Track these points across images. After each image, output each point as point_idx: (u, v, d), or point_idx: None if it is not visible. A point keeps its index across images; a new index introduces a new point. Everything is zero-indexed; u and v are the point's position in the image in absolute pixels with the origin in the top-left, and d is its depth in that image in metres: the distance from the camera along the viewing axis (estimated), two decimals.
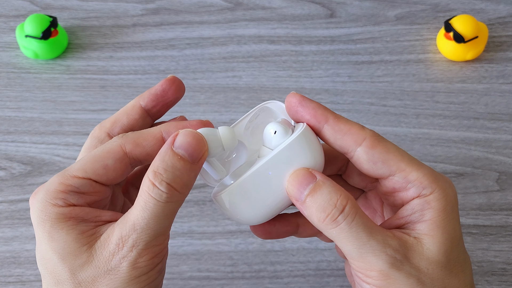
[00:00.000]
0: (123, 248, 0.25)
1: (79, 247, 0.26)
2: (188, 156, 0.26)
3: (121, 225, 0.26)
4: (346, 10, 0.56)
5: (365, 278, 0.26)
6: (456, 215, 0.28)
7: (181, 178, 0.25)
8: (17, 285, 0.43)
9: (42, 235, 0.26)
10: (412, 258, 0.26)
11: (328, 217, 0.26)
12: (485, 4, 0.56)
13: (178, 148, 0.26)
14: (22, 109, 0.51)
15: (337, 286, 0.43)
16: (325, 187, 0.26)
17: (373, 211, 0.33)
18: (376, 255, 0.26)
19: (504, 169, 0.48)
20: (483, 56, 0.53)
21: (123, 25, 0.55)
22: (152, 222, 0.25)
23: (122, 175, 0.28)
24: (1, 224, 0.46)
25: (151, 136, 0.28)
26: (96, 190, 0.28)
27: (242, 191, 0.27)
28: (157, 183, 0.25)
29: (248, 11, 0.56)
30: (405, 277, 0.26)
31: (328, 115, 0.28)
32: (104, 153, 0.28)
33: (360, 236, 0.25)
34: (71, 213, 0.26)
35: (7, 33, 0.54)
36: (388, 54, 0.53)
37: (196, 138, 0.26)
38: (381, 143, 0.27)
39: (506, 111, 0.50)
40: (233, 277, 0.44)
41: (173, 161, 0.25)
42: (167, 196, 0.25)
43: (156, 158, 0.26)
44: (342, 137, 0.28)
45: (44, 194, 0.27)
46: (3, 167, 0.48)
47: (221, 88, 0.52)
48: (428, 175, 0.27)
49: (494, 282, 0.43)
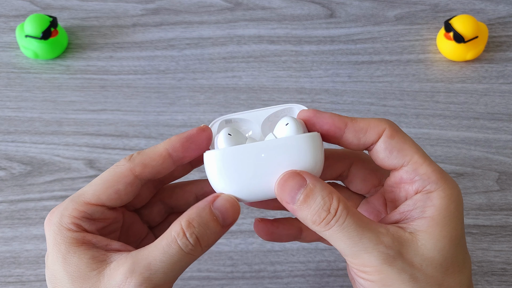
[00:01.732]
0: (131, 283, 0.26)
1: (89, 272, 0.27)
2: (222, 219, 0.27)
3: (135, 259, 0.26)
4: (346, 10, 0.56)
5: (360, 273, 0.27)
6: (460, 215, 0.28)
7: (209, 237, 0.27)
8: (17, 285, 0.43)
9: (57, 256, 0.27)
10: (406, 253, 0.26)
11: (323, 221, 0.26)
12: (485, 4, 0.56)
13: (216, 209, 0.27)
14: (22, 109, 0.51)
15: (337, 286, 0.43)
16: (317, 191, 0.27)
17: (378, 214, 0.33)
18: (368, 252, 0.26)
19: (504, 169, 0.48)
20: (483, 56, 0.53)
21: (123, 25, 0.55)
22: (167, 268, 0.26)
23: (133, 196, 0.30)
24: (1, 224, 0.46)
25: (157, 155, 0.29)
26: (107, 217, 0.29)
27: (232, 157, 0.28)
28: (188, 233, 0.26)
29: (248, 11, 0.56)
30: (397, 272, 0.26)
31: (345, 119, 0.29)
32: (115, 178, 0.29)
33: (352, 235, 0.26)
34: (84, 238, 0.28)
35: (7, 33, 0.54)
36: (388, 54, 0.53)
37: (234, 207, 0.27)
38: (399, 134, 0.29)
39: (506, 111, 0.50)
40: (233, 277, 0.44)
41: (208, 219, 0.27)
42: (191, 249, 0.26)
43: (194, 210, 0.27)
44: (365, 135, 0.29)
45: (59, 218, 0.28)
46: (3, 167, 0.48)
47: (221, 88, 0.52)
48: (437, 172, 0.28)
49: (494, 282, 0.43)
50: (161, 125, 0.50)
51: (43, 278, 0.44)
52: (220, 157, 0.28)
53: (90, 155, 0.49)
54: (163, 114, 0.50)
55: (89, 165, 0.48)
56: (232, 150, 0.28)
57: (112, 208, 0.30)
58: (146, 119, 0.50)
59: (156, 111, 0.50)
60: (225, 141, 0.28)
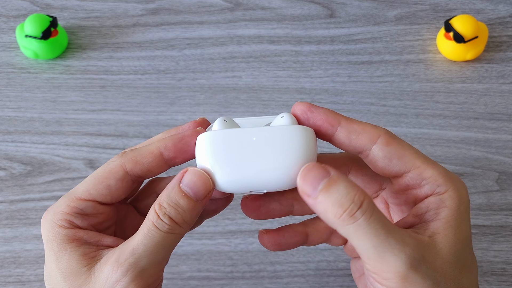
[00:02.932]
0: (117, 272, 0.26)
1: (79, 268, 0.27)
2: (193, 194, 0.26)
3: (121, 249, 0.27)
4: (346, 10, 0.56)
5: (381, 280, 0.25)
6: (468, 215, 0.28)
7: (183, 214, 0.26)
8: (17, 285, 0.44)
9: (49, 254, 0.28)
10: (428, 257, 0.25)
11: (346, 212, 0.24)
12: (485, 4, 0.56)
13: (185, 186, 0.26)
14: (22, 109, 0.51)
15: (337, 286, 0.43)
16: (340, 182, 0.25)
17: None
18: (395, 254, 0.24)
19: (504, 169, 0.48)
20: (483, 56, 0.53)
21: (123, 25, 0.55)
22: (151, 250, 0.26)
23: (125, 192, 0.29)
24: (1, 224, 0.46)
25: (149, 153, 0.29)
26: (99, 212, 0.29)
27: (222, 139, 0.27)
28: (161, 215, 0.26)
29: (248, 11, 0.56)
30: (421, 278, 0.25)
31: (340, 118, 0.28)
32: (106, 173, 0.29)
33: (379, 233, 0.24)
34: (75, 235, 0.28)
35: (7, 33, 0.54)
36: (388, 54, 0.53)
37: (202, 179, 0.26)
38: (396, 140, 0.28)
39: (506, 111, 0.50)
40: (233, 277, 0.44)
41: (178, 197, 0.26)
42: (168, 228, 0.26)
43: (164, 192, 0.27)
44: (357, 137, 0.28)
45: (52, 215, 0.28)
46: (3, 167, 0.48)
47: (221, 88, 0.52)
48: (443, 174, 0.27)
49: (494, 282, 0.43)
50: (161, 125, 0.50)
51: (43, 278, 0.44)
52: (210, 138, 0.27)
53: (90, 155, 0.49)
54: (163, 114, 0.50)
55: (89, 165, 0.48)
56: (224, 132, 0.27)
57: (105, 203, 0.30)
58: (146, 119, 0.50)
59: (156, 111, 0.50)
60: (219, 125, 0.28)
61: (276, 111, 0.50)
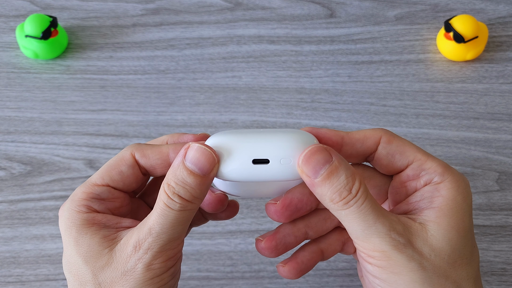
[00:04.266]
0: (139, 251, 0.27)
1: (101, 250, 0.28)
2: (198, 170, 0.27)
3: (138, 230, 0.27)
4: (346, 10, 0.56)
5: (368, 258, 0.27)
6: (468, 207, 0.28)
7: (191, 191, 0.27)
8: (17, 285, 0.44)
9: (68, 241, 0.28)
10: (416, 243, 0.27)
11: (342, 200, 0.26)
12: (485, 4, 0.56)
13: (189, 162, 0.27)
14: (22, 109, 0.51)
15: (337, 286, 0.43)
16: (341, 170, 0.26)
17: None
18: (380, 237, 0.26)
19: (504, 169, 0.48)
20: (483, 56, 0.53)
21: (123, 25, 0.55)
22: (166, 228, 0.27)
23: (136, 181, 0.30)
24: (1, 224, 0.46)
25: (157, 151, 0.30)
26: (115, 196, 0.30)
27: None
28: (170, 194, 0.26)
29: (248, 11, 0.56)
30: (406, 259, 0.26)
31: (340, 133, 0.30)
32: (118, 160, 0.30)
33: (367, 218, 0.26)
34: (95, 219, 0.28)
35: (7, 33, 0.54)
36: (388, 54, 0.53)
37: (205, 154, 0.27)
38: (396, 138, 0.29)
39: (506, 111, 0.50)
40: (233, 277, 0.44)
41: (184, 175, 0.26)
42: (180, 206, 0.27)
43: (170, 170, 0.27)
44: (362, 145, 0.29)
45: (69, 203, 0.29)
46: (3, 167, 0.48)
47: (220, 88, 0.52)
48: (442, 166, 0.29)
49: (494, 282, 0.43)
50: (161, 125, 0.50)
51: (43, 278, 0.44)
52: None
53: (90, 155, 0.49)
54: (163, 114, 0.50)
55: (89, 165, 0.48)
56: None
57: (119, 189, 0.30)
58: (146, 119, 0.50)
59: (156, 111, 0.50)
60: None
61: (276, 111, 0.50)
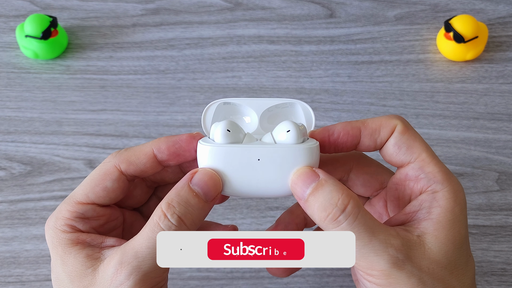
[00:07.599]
0: (121, 274, 0.26)
1: (84, 270, 0.27)
2: (203, 194, 0.26)
3: (123, 250, 0.26)
4: (346, 10, 0.56)
5: (367, 276, 0.26)
6: (464, 218, 0.28)
7: (192, 214, 0.26)
8: (17, 285, 0.44)
9: (56, 258, 0.28)
10: (414, 257, 0.26)
11: (329, 216, 0.25)
12: (485, 4, 0.56)
13: (195, 185, 0.26)
14: (22, 109, 0.51)
15: (337, 286, 0.43)
16: (327, 186, 0.26)
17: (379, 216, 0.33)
18: (378, 255, 0.25)
19: (504, 169, 0.48)
20: (483, 56, 0.53)
21: (123, 25, 0.55)
22: (154, 253, 0.26)
23: (122, 192, 0.30)
24: (1, 224, 0.46)
25: (142, 154, 0.29)
26: (100, 214, 0.29)
27: (226, 156, 0.27)
28: (169, 214, 0.26)
29: (247, 11, 0.56)
30: (406, 276, 0.26)
31: (357, 125, 0.29)
32: (101, 175, 0.29)
33: (362, 236, 0.25)
34: (78, 238, 0.28)
35: (7, 33, 0.54)
36: (388, 54, 0.53)
37: (213, 179, 0.27)
38: (410, 130, 0.29)
39: (506, 111, 0.50)
40: (233, 277, 0.44)
41: (188, 196, 0.26)
42: (175, 229, 0.26)
43: (172, 191, 0.26)
44: (379, 135, 0.29)
45: (54, 221, 0.29)
46: (3, 167, 0.48)
47: (220, 88, 0.52)
48: (443, 172, 0.28)
49: (494, 282, 0.43)
50: (161, 125, 0.50)
51: (43, 278, 0.44)
52: (214, 153, 0.27)
53: (90, 155, 0.49)
54: (163, 114, 0.50)
55: (89, 165, 0.48)
56: (228, 149, 0.27)
57: (105, 205, 0.30)
58: (146, 119, 0.50)
59: (156, 111, 0.50)
60: (222, 137, 0.28)
61: None
